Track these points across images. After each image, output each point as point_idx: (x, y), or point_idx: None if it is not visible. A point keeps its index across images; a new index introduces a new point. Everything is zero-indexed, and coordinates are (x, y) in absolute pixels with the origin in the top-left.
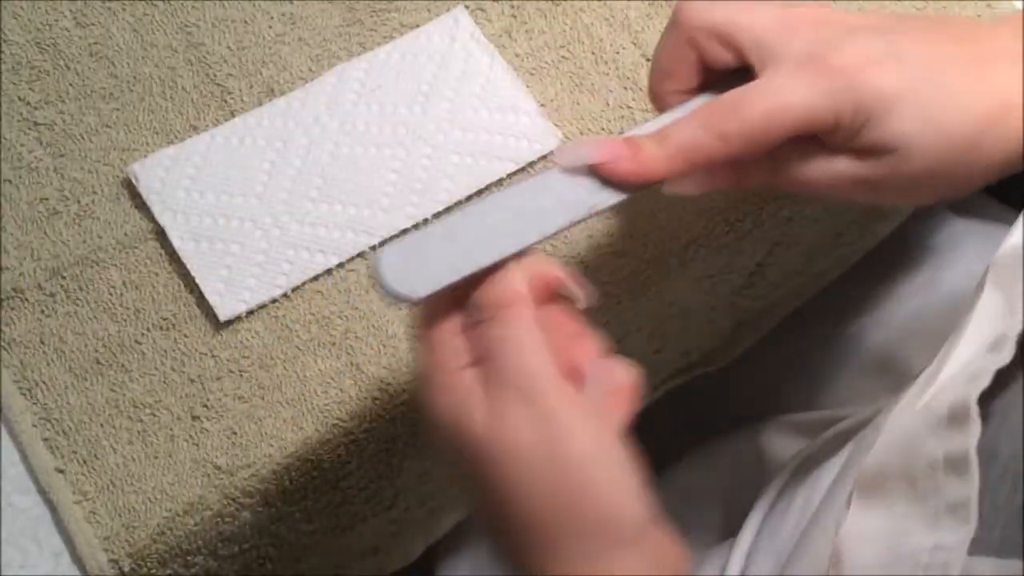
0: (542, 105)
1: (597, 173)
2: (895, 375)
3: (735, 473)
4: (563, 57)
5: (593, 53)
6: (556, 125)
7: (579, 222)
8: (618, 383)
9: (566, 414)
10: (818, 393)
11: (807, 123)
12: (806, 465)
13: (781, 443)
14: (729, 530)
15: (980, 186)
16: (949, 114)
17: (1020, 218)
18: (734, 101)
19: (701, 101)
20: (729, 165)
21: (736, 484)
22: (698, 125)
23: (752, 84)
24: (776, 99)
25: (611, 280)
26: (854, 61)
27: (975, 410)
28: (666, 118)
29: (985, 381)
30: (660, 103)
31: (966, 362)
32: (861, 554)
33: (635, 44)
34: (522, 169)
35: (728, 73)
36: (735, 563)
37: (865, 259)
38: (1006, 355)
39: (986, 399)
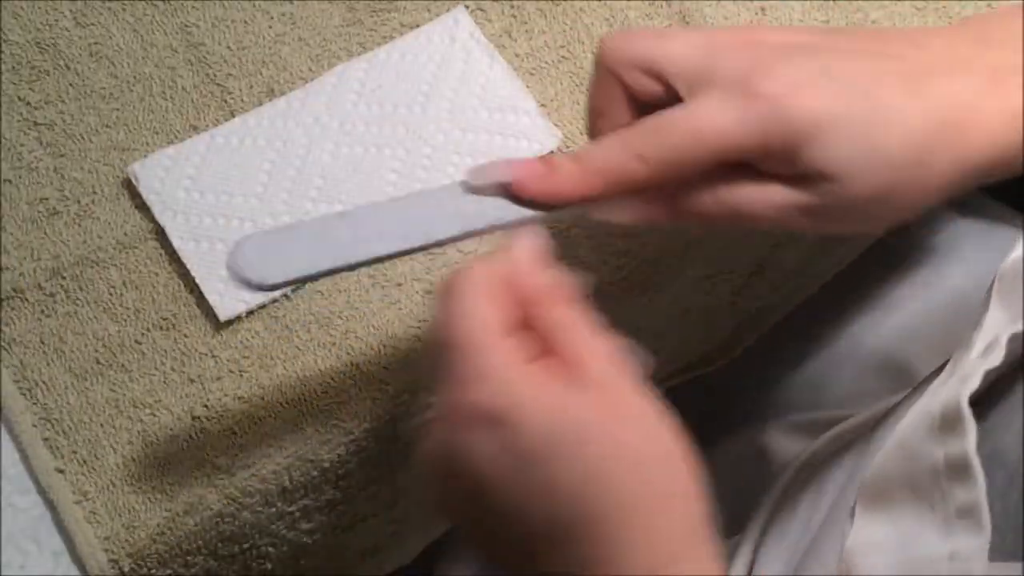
0: (542, 105)
1: (509, 192)
2: (895, 374)
3: (736, 473)
4: (563, 57)
5: (593, 53)
6: (556, 125)
7: (478, 234)
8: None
9: (652, 409)
10: (818, 393)
11: (732, 148)
12: (810, 465)
13: (783, 443)
14: (730, 530)
15: (935, 203)
16: (886, 134)
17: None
18: (655, 122)
19: None
20: (662, 195)
21: (738, 484)
22: (617, 145)
23: (676, 107)
24: (698, 122)
25: (611, 280)
26: (782, 86)
27: (967, 411)
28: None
29: (975, 382)
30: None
31: (961, 367)
32: (872, 563)
33: None
34: None
35: (664, 105)
36: (740, 563)
37: (865, 259)
38: (996, 357)
39: (989, 405)
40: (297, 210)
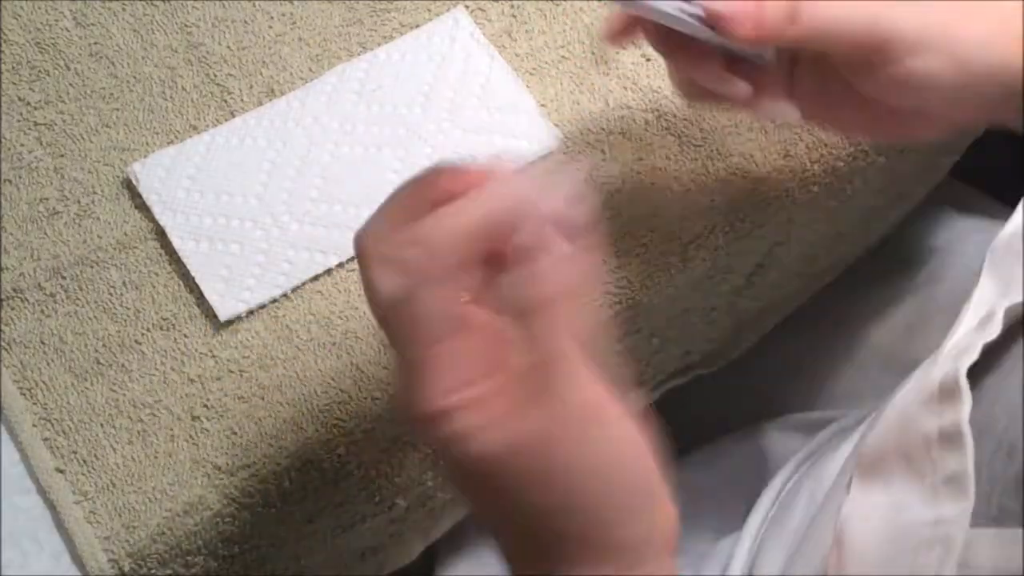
0: (542, 105)
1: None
2: (896, 375)
3: (735, 473)
4: (563, 57)
5: (593, 53)
6: (556, 125)
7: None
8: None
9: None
10: (818, 393)
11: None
12: (810, 460)
13: (782, 443)
14: (729, 530)
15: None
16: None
17: (1020, 207)
18: None
19: None
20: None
21: (736, 484)
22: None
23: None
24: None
25: (611, 280)
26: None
27: (964, 383)
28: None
29: (973, 356)
30: None
31: (956, 340)
32: (861, 531)
33: (635, 44)
34: None
35: None
36: (739, 560)
37: (865, 259)
38: (993, 330)
39: (981, 376)
40: (297, 210)
